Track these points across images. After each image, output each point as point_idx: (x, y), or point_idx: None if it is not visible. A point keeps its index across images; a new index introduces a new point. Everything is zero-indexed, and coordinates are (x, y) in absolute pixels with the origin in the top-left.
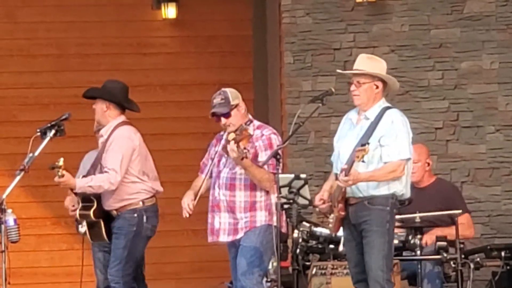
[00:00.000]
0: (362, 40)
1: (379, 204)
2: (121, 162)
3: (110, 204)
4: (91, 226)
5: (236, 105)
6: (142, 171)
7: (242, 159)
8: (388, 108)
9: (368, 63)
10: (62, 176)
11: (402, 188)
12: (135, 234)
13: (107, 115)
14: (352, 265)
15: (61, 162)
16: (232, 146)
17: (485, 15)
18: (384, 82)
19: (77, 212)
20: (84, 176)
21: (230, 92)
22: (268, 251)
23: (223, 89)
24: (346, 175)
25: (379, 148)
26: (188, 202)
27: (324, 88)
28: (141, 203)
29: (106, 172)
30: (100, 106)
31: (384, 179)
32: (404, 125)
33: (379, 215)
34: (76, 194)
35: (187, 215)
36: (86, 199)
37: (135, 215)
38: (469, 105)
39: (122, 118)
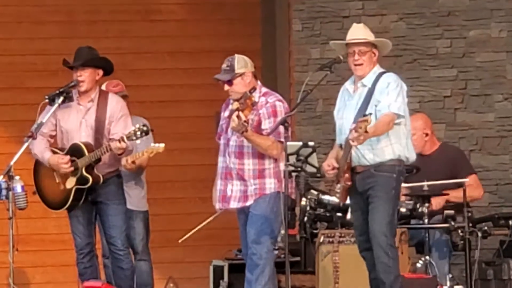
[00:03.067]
0: (371, 7)
1: (385, 171)
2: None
3: (104, 170)
4: (79, 191)
5: (241, 74)
6: None
7: (242, 132)
8: (383, 73)
9: (366, 32)
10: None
11: (404, 150)
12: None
13: (97, 83)
14: (358, 233)
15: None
16: (233, 116)
17: None
18: (376, 49)
19: (90, 179)
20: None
21: (238, 59)
22: (279, 218)
23: (234, 55)
24: (356, 131)
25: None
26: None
27: (332, 56)
28: (118, 169)
29: None
30: (92, 74)
31: (384, 132)
32: (398, 86)
33: (386, 181)
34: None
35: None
36: (89, 165)
37: (121, 180)
38: (477, 73)
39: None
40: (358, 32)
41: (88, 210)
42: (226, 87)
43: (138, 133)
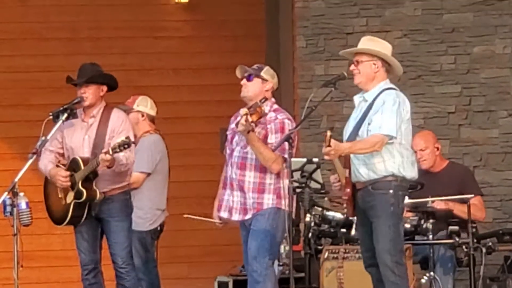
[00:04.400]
0: (375, 24)
1: (381, 188)
2: None
3: (107, 186)
4: (79, 206)
5: (263, 79)
6: None
7: (248, 132)
8: (387, 89)
9: (369, 43)
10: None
11: (398, 168)
12: (131, 217)
13: (101, 98)
14: (364, 249)
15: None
16: (241, 120)
17: None
18: (386, 63)
19: (84, 193)
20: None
21: (268, 69)
22: (278, 234)
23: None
24: (327, 146)
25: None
26: None
27: (336, 72)
28: (127, 185)
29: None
30: (96, 90)
31: (364, 152)
32: (394, 104)
33: (382, 199)
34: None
35: None
36: (88, 178)
37: (128, 197)
38: (481, 89)
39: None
40: (362, 43)
41: (93, 226)
42: (243, 80)
43: (122, 146)
